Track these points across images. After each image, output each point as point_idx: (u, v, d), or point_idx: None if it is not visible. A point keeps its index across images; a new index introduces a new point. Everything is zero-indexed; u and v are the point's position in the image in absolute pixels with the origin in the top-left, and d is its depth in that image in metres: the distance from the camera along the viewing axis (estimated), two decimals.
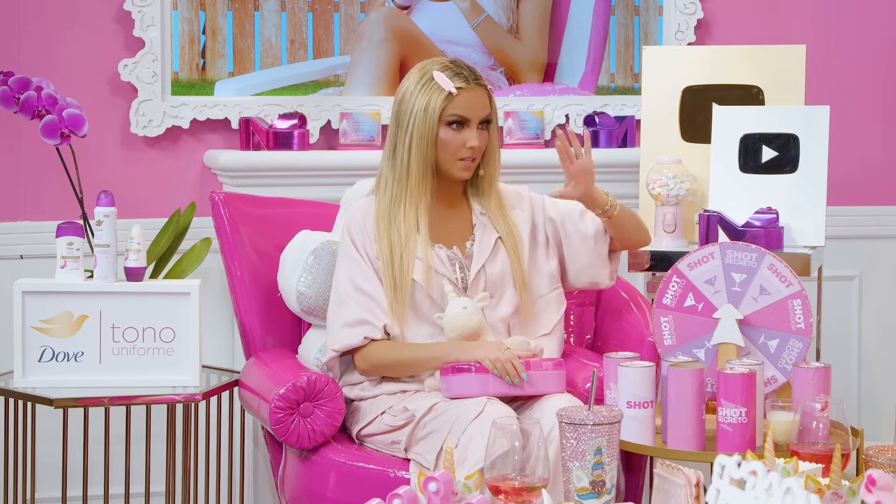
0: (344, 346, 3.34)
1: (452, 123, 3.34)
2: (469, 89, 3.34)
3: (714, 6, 4.45)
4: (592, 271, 3.48)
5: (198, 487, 3.73)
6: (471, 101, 3.34)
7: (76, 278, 3.57)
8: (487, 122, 3.38)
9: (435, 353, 3.28)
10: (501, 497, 2.48)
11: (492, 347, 3.23)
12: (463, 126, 3.34)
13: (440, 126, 3.33)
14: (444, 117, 3.33)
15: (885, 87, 4.57)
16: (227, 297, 4.07)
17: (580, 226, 3.46)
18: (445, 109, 3.32)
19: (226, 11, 4.17)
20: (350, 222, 3.41)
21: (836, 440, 2.75)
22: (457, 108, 3.33)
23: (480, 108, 3.35)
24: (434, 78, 3.34)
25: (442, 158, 3.35)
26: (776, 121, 3.86)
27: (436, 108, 3.32)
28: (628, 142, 4.34)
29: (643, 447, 3.14)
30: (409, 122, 3.34)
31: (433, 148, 3.33)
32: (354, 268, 3.36)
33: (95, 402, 3.48)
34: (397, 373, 3.35)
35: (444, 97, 3.32)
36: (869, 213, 4.58)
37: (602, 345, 3.74)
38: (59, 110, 3.68)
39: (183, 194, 4.16)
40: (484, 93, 3.37)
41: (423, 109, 3.33)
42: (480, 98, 3.36)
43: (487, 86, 3.40)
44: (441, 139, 3.33)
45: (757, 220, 3.73)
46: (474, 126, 3.34)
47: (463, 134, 3.34)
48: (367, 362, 3.34)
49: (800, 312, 3.24)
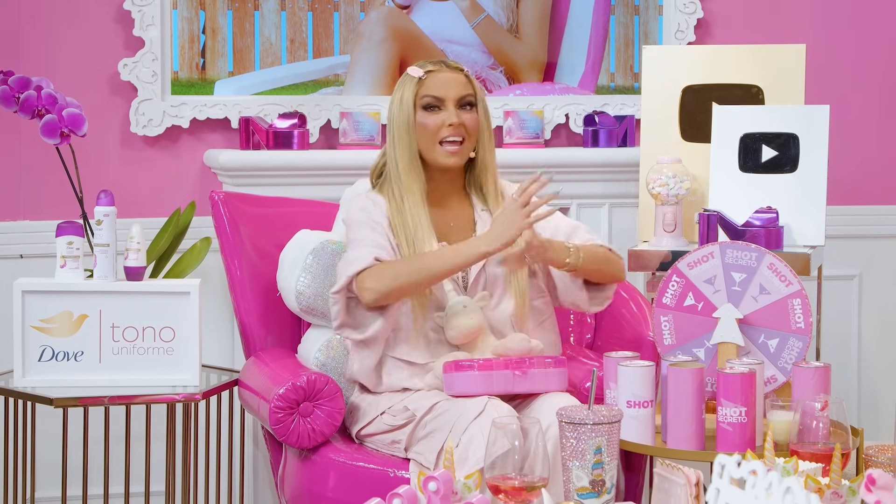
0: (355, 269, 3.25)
1: (427, 107, 3.37)
2: (439, 71, 3.39)
3: (714, 6, 4.45)
4: (571, 296, 3.45)
5: (198, 487, 3.73)
6: (441, 81, 3.38)
7: (76, 278, 3.57)
8: (471, 105, 3.39)
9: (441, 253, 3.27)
10: (501, 497, 2.48)
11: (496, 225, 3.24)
12: (439, 108, 3.36)
13: (416, 111, 3.36)
14: (418, 101, 3.37)
15: (885, 87, 4.57)
16: (227, 296, 4.07)
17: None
18: (417, 93, 3.37)
19: (226, 11, 4.17)
20: (364, 203, 3.38)
21: (836, 440, 2.75)
22: (428, 89, 3.37)
23: (454, 86, 3.38)
24: (407, 72, 3.41)
25: (424, 145, 3.36)
26: (776, 120, 3.86)
27: (409, 96, 3.37)
28: (628, 141, 4.34)
29: (643, 447, 3.14)
30: (391, 119, 3.40)
31: (413, 135, 3.36)
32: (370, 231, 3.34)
33: (95, 401, 3.48)
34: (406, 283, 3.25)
35: (415, 83, 3.38)
36: (868, 212, 4.58)
37: (602, 345, 3.74)
38: (58, 110, 3.68)
39: (183, 194, 4.16)
40: (459, 74, 3.40)
41: (399, 101, 3.39)
42: (453, 78, 3.39)
43: (464, 69, 3.42)
44: (419, 123, 3.37)
45: (757, 220, 3.73)
46: (451, 106, 3.36)
47: (440, 115, 3.36)
48: (373, 278, 3.25)
49: (799, 312, 3.24)
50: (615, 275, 3.44)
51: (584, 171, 4.28)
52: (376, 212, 3.37)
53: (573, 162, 4.28)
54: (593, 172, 4.30)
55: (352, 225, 3.39)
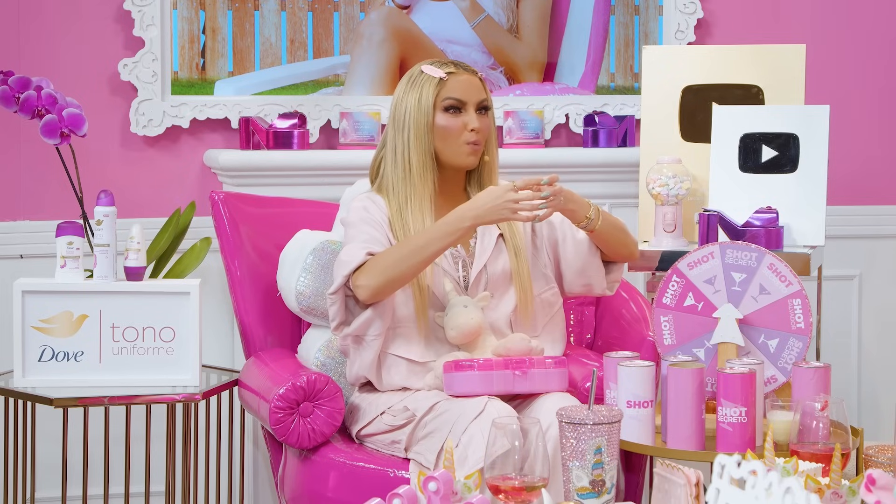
0: (350, 269, 3.24)
1: (449, 108, 3.35)
2: (459, 73, 3.37)
3: (714, 6, 4.45)
4: (587, 277, 3.46)
5: (198, 487, 3.73)
6: (463, 84, 3.36)
7: (76, 278, 3.57)
8: (486, 109, 3.38)
9: (427, 232, 3.24)
10: (501, 497, 2.48)
11: (487, 199, 3.20)
12: (460, 110, 3.35)
13: (436, 113, 3.34)
14: (439, 103, 3.34)
15: (885, 87, 4.57)
16: (227, 296, 4.07)
17: (575, 232, 3.44)
18: (439, 95, 3.34)
19: (226, 11, 4.17)
20: (364, 203, 3.37)
21: (836, 440, 2.75)
22: (450, 91, 3.35)
23: (475, 91, 3.36)
24: (423, 72, 3.36)
25: (444, 146, 3.35)
26: (776, 120, 3.86)
27: (429, 97, 3.34)
28: (628, 141, 4.34)
29: (643, 447, 3.14)
30: (405, 119, 3.35)
31: (431, 137, 3.34)
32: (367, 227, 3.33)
33: (95, 401, 3.48)
34: (399, 272, 3.22)
35: (436, 84, 3.34)
36: (869, 212, 4.58)
37: (602, 344, 3.74)
38: (59, 110, 3.68)
39: (183, 194, 4.16)
40: (476, 78, 3.39)
41: (417, 101, 3.34)
42: (473, 82, 3.37)
43: (479, 73, 3.41)
44: (439, 126, 3.34)
45: (757, 220, 3.73)
46: (472, 109, 3.35)
47: (461, 118, 3.35)
48: (366, 275, 3.22)
49: (799, 312, 3.24)
50: (630, 248, 3.45)
51: (584, 172, 4.28)
52: (376, 211, 3.36)
53: (573, 162, 4.28)
54: (593, 172, 4.30)
55: (349, 224, 3.38)
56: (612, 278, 3.48)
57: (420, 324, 3.31)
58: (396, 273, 3.22)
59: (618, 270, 3.49)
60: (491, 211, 3.20)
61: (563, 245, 3.45)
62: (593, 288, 3.48)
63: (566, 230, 3.45)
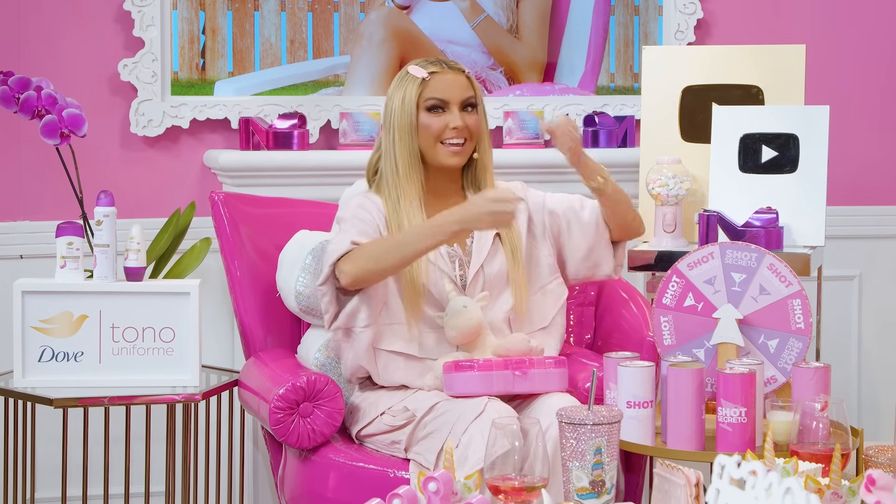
0: (335, 257, 3.23)
1: (432, 108, 3.35)
2: (443, 73, 3.38)
3: (714, 6, 4.45)
4: (594, 259, 3.46)
5: (198, 487, 3.73)
6: (446, 83, 3.36)
7: (76, 278, 3.57)
8: (473, 106, 3.38)
9: (421, 227, 3.24)
10: (501, 497, 2.48)
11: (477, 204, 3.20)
12: (443, 110, 3.35)
13: (419, 112, 3.35)
14: (422, 103, 3.36)
15: (885, 87, 4.57)
16: (227, 297, 4.07)
17: (580, 215, 3.45)
18: (421, 95, 3.36)
19: (226, 11, 4.17)
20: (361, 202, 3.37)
21: (836, 440, 2.75)
22: (432, 91, 3.36)
23: (458, 89, 3.37)
24: (409, 72, 3.39)
25: (425, 145, 3.35)
26: (776, 121, 3.86)
27: (412, 96, 3.35)
28: (628, 142, 4.34)
29: (643, 447, 3.14)
30: (391, 118, 3.38)
31: (415, 136, 3.35)
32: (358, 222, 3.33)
33: (95, 401, 3.48)
34: (384, 264, 3.21)
35: (419, 84, 3.36)
36: (869, 212, 4.58)
37: (602, 345, 3.74)
38: (59, 110, 3.68)
39: (183, 194, 4.16)
40: (461, 76, 3.39)
41: (401, 101, 3.36)
42: (457, 80, 3.38)
43: (466, 70, 3.41)
44: (422, 124, 3.35)
45: (757, 220, 3.73)
46: (455, 108, 3.36)
47: (444, 117, 3.35)
48: (350, 261, 3.22)
49: (799, 312, 3.24)
50: (637, 220, 3.46)
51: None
52: (373, 209, 3.37)
53: None
54: None
55: (342, 220, 3.39)
56: (616, 261, 3.48)
57: (410, 319, 3.31)
58: (378, 264, 3.21)
59: (621, 253, 3.49)
60: (474, 218, 3.20)
61: (567, 231, 3.46)
62: (600, 269, 3.46)
63: (570, 216, 3.45)
